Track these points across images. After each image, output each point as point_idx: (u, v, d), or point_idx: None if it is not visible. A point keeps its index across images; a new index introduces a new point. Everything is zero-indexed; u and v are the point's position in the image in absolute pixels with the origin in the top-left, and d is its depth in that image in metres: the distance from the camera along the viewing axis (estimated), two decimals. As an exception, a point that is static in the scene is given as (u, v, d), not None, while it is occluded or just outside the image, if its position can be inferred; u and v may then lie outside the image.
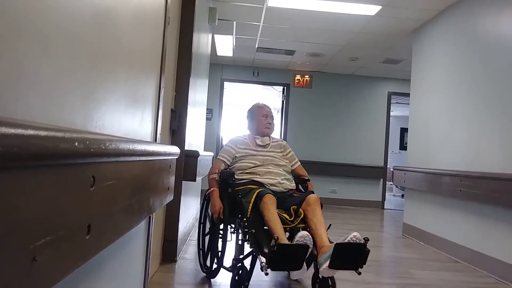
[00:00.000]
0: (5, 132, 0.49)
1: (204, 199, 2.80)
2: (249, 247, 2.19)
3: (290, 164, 2.75)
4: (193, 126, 3.53)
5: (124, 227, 1.17)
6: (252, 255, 2.26)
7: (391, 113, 8.09)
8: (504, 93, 3.29)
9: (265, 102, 2.94)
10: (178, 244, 3.07)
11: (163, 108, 2.14)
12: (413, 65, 5.13)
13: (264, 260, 1.96)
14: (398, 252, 4.22)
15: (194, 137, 3.67)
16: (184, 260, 3.13)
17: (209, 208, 2.66)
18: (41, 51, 0.78)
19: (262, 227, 2.18)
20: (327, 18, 4.89)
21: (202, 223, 2.83)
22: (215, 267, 2.64)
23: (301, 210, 2.30)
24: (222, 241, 2.54)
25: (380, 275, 3.22)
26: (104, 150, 0.87)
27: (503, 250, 3.15)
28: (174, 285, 2.64)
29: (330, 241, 2.15)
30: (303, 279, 2.66)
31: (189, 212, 3.89)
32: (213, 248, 2.67)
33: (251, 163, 2.60)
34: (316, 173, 6.80)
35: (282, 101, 8.05)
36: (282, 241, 2.02)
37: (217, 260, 2.61)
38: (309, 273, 2.35)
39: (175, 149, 1.94)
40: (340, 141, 7.71)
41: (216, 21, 4.42)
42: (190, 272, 2.87)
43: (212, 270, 2.66)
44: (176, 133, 2.91)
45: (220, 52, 6.77)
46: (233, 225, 2.52)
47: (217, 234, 2.64)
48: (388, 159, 8.04)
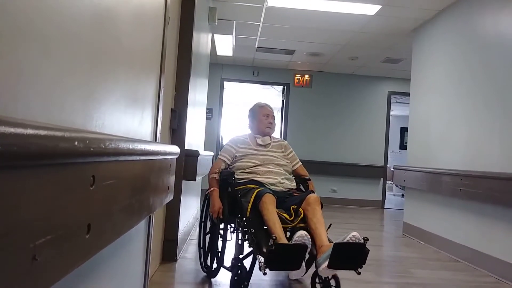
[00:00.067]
0: (5, 131, 0.49)
1: (205, 198, 2.80)
2: (248, 247, 2.19)
3: (292, 164, 2.73)
4: (193, 126, 3.53)
5: (124, 227, 1.17)
6: (252, 255, 2.26)
7: (391, 113, 8.09)
8: (504, 93, 3.29)
9: (266, 102, 2.93)
10: (178, 244, 3.08)
11: (163, 108, 2.14)
12: (413, 65, 5.13)
13: (263, 260, 1.95)
14: (398, 252, 4.22)
15: (194, 137, 3.67)
16: (184, 260, 3.14)
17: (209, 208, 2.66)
18: (41, 51, 0.78)
19: (262, 227, 2.17)
20: (327, 18, 4.89)
21: (203, 222, 2.82)
22: (215, 267, 2.64)
23: (301, 210, 2.29)
24: (222, 241, 2.54)
25: (380, 274, 3.22)
26: (104, 150, 0.87)
27: (503, 249, 3.15)
28: (174, 285, 2.64)
29: (330, 241, 2.14)
30: (304, 279, 2.66)
31: (189, 212, 3.89)
32: (213, 248, 2.67)
33: (251, 163, 2.59)
34: (316, 173, 6.79)
35: (282, 101, 8.05)
36: (281, 241, 2.02)
37: (217, 260, 2.61)
38: (310, 273, 2.35)
39: (175, 149, 1.94)
40: (340, 141, 7.71)
41: (216, 21, 4.42)
42: (190, 272, 2.87)
43: (212, 270, 2.67)
44: (176, 133, 2.91)
45: (220, 52, 6.77)
46: (233, 225, 2.52)
47: (217, 234, 2.64)
48: (388, 159, 8.04)
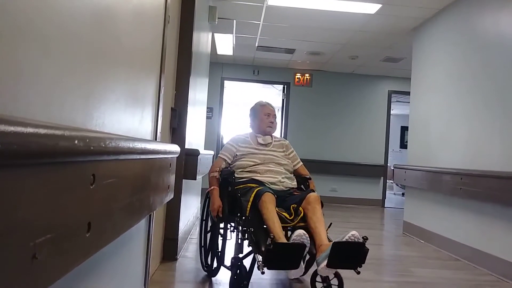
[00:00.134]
0: (5, 130, 0.49)
1: (206, 197, 2.80)
2: (247, 246, 2.19)
3: (293, 164, 2.72)
4: (194, 125, 3.53)
5: (125, 225, 1.18)
6: (253, 254, 2.26)
7: (392, 112, 8.09)
8: (504, 92, 3.29)
9: (267, 101, 2.91)
10: (179, 243, 3.08)
11: (163, 107, 2.14)
12: (413, 64, 5.13)
13: (261, 259, 1.94)
14: (398, 250, 4.22)
15: (195, 136, 3.67)
16: (185, 259, 3.14)
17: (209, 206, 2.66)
18: (41, 50, 0.78)
19: (261, 226, 2.16)
20: (327, 17, 4.89)
21: (204, 221, 2.82)
22: (215, 266, 2.64)
23: (301, 209, 2.28)
24: (222, 240, 2.54)
25: (381, 273, 3.22)
26: (104, 148, 0.87)
27: (503, 248, 3.15)
28: (175, 284, 2.64)
29: (330, 240, 2.13)
30: (304, 278, 2.66)
31: (190, 211, 3.89)
32: (214, 247, 2.67)
33: (252, 162, 2.58)
34: (317, 172, 6.77)
35: (282, 100, 8.05)
36: (280, 240, 2.01)
37: (217, 259, 2.61)
38: (311, 272, 2.35)
39: (175, 148, 1.95)
40: (341, 140, 7.71)
41: (216, 20, 4.42)
42: (191, 271, 2.88)
43: (213, 269, 2.67)
44: (177, 132, 2.91)
45: (220, 51, 6.77)
46: (233, 224, 2.52)
47: (218, 233, 2.64)
48: (389, 158, 8.04)
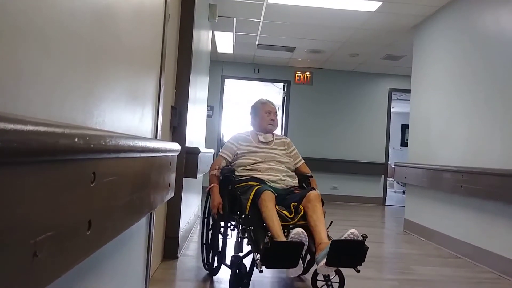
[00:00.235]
0: (4, 128, 0.49)
1: (207, 195, 2.79)
2: (247, 244, 2.18)
3: (294, 162, 2.71)
4: (194, 123, 3.53)
5: (125, 223, 1.18)
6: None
7: (392, 110, 8.08)
8: (505, 89, 3.29)
9: (268, 99, 2.90)
10: (180, 241, 3.08)
11: (164, 105, 2.14)
12: (414, 61, 5.12)
13: (259, 257, 1.93)
14: (399, 248, 4.23)
15: (195, 134, 3.67)
16: (186, 257, 3.14)
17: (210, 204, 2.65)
18: (41, 49, 0.78)
19: (261, 224, 2.15)
20: (327, 15, 4.88)
21: (206, 218, 2.81)
22: (216, 265, 2.64)
23: (301, 207, 2.27)
24: (223, 238, 2.54)
25: (381, 271, 3.22)
26: (104, 146, 0.87)
27: (504, 246, 3.15)
28: (176, 282, 2.64)
29: (330, 238, 2.13)
30: (305, 276, 2.66)
31: (190, 209, 3.89)
32: (215, 245, 2.67)
33: (252, 160, 2.58)
34: (317, 170, 6.72)
35: (283, 98, 8.05)
36: (279, 239, 2.01)
37: (218, 257, 2.61)
38: (312, 270, 2.35)
39: (176, 146, 1.95)
40: (341, 138, 7.70)
41: (216, 18, 4.42)
42: (192, 269, 2.88)
43: (214, 268, 2.66)
44: (177, 130, 2.91)
45: (221, 49, 6.76)
46: (233, 222, 2.51)
47: (218, 231, 2.64)
48: (389, 156, 8.03)
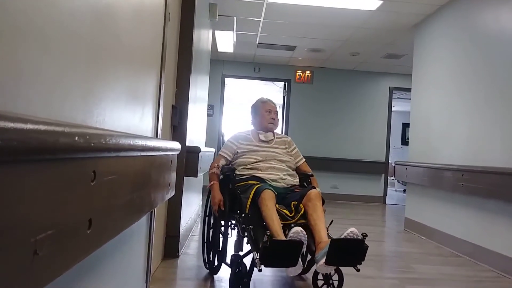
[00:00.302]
0: (4, 126, 0.50)
1: (208, 193, 2.79)
2: (246, 243, 2.17)
3: (295, 161, 2.70)
4: (194, 122, 3.53)
5: (126, 222, 1.18)
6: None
7: (393, 108, 8.07)
8: (505, 88, 3.28)
9: (268, 98, 2.90)
10: (180, 240, 3.08)
11: (164, 104, 2.15)
12: (415, 60, 5.12)
13: (258, 256, 1.92)
14: (400, 247, 4.23)
15: (195, 133, 3.67)
16: (186, 256, 3.15)
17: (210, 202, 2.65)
18: (42, 49, 0.78)
19: (261, 223, 2.15)
20: (328, 13, 4.88)
21: (207, 216, 2.80)
22: (217, 264, 2.64)
23: (302, 206, 2.27)
24: (223, 237, 2.54)
25: (382, 270, 3.22)
26: (105, 145, 0.87)
27: (505, 244, 3.15)
28: (176, 281, 2.65)
29: (330, 237, 2.12)
30: (306, 276, 2.66)
31: (191, 208, 3.90)
32: (215, 244, 2.67)
33: (253, 159, 2.57)
34: (318, 169, 6.70)
35: (283, 97, 8.04)
36: (278, 237, 2.00)
37: (218, 256, 2.61)
38: (313, 269, 2.35)
39: (176, 145, 1.95)
40: (342, 137, 7.70)
41: (217, 17, 4.41)
42: (192, 268, 2.88)
43: (214, 267, 2.67)
44: (177, 129, 2.91)
45: (221, 48, 6.76)
46: (234, 221, 2.51)
47: (219, 230, 2.64)
48: (390, 154, 8.03)
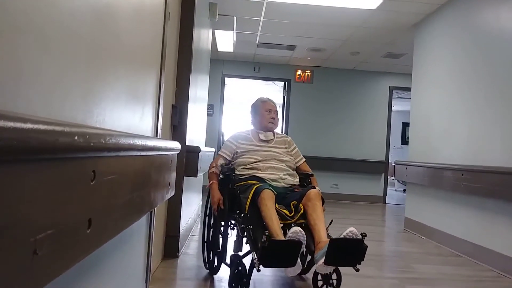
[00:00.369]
0: (4, 126, 0.49)
1: (208, 193, 2.78)
2: (245, 243, 2.17)
3: (295, 161, 2.70)
4: (194, 122, 3.53)
5: (125, 222, 1.18)
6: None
7: (393, 108, 8.07)
8: (505, 87, 3.28)
9: (268, 97, 2.89)
10: (180, 240, 3.08)
11: (164, 104, 2.14)
12: (415, 60, 5.11)
13: (257, 256, 1.92)
14: (400, 247, 4.23)
15: (195, 133, 3.67)
16: (186, 256, 3.14)
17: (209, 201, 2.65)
18: (42, 48, 0.78)
19: (260, 223, 2.14)
20: (328, 13, 4.87)
21: (207, 216, 2.80)
22: (216, 264, 2.64)
23: (301, 206, 2.27)
24: (223, 237, 2.53)
25: (382, 269, 3.22)
26: (104, 145, 0.87)
27: (505, 244, 3.15)
28: (176, 281, 2.65)
29: (330, 237, 2.12)
30: (306, 276, 2.66)
31: (191, 208, 3.89)
32: (215, 244, 2.67)
33: (253, 159, 2.56)
34: (318, 168, 6.69)
35: (283, 97, 8.04)
36: (277, 237, 2.00)
37: (218, 257, 2.61)
38: (313, 269, 2.35)
39: (176, 144, 1.95)
40: (342, 136, 7.70)
41: (217, 17, 4.41)
42: (192, 268, 2.88)
43: (214, 267, 2.66)
44: (177, 129, 2.91)
45: (221, 48, 6.76)
46: (233, 221, 2.50)
47: (218, 230, 2.64)
48: (390, 154, 8.03)
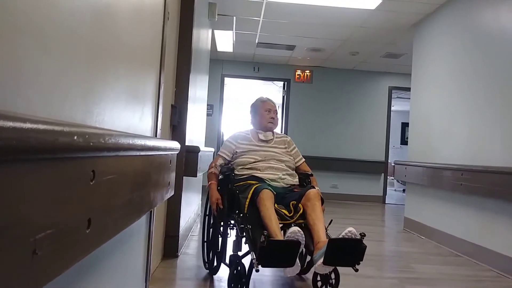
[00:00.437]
0: (3, 125, 0.49)
1: (208, 193, 2.78)
2: (244, 243, 2.17)
3: (295, 161, 2.69)
4: (194, 122, 3.53)
5: (125, 222, 1.18)
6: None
7: (392, 108, 8.07)
8: (505, 87, 3.28)
9: (268, 97, 2.89)
10: (180, 240, 3.08)
11: (163, 104, 2.14)
12: (414, 59, 5.12)
13: (255, 256, 1.91)
14: (399, 246, 4.23)
15: (195, 133, 3.67)
16: (186, 256, 3.14)
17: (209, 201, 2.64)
18: (41, 48, 0.78)
19: (259, 223, 2.14)
20: (328, 13, 4.87)
21: (207, 216, 2.79)
22: (216, 264, 2.63)
23: (301, 206, 2.26)
24: (222, 237, 2.53)
25: (381, 269, 3.22)
26: (104, 144, 0.87)
27: (504, 244, 3.15)
28: (176, 281, 2.65)
29: (329, 237, 2.11)
30: (306, 276, 2.66)
31: (190, 208, 3.89)
32: (214, 244, 2.67)
33: (252, 158, 2.56)
34: (317, 168, 6.69)
35: (283, 97, 8.04)
36: (276, 238, 2.00)
37: (217, 256, 2.61)
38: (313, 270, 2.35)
39: (176, 144, 1.95)
40: (341, 136, 7.70)
41: (216, 17, 4.41)
42: (192, 268, 2.88)
43: (213, 267, 2.66)
44: (177, 129, 2.91)
45: (220, 48, 6.76)
46: (233, 221, 2.50)
47: (218, 229, 2.64)
48: (389, 154, 8.03)
